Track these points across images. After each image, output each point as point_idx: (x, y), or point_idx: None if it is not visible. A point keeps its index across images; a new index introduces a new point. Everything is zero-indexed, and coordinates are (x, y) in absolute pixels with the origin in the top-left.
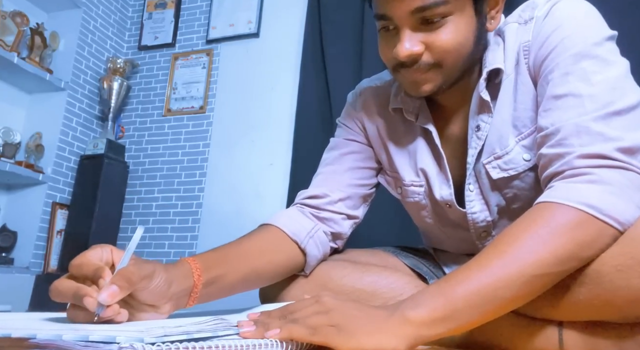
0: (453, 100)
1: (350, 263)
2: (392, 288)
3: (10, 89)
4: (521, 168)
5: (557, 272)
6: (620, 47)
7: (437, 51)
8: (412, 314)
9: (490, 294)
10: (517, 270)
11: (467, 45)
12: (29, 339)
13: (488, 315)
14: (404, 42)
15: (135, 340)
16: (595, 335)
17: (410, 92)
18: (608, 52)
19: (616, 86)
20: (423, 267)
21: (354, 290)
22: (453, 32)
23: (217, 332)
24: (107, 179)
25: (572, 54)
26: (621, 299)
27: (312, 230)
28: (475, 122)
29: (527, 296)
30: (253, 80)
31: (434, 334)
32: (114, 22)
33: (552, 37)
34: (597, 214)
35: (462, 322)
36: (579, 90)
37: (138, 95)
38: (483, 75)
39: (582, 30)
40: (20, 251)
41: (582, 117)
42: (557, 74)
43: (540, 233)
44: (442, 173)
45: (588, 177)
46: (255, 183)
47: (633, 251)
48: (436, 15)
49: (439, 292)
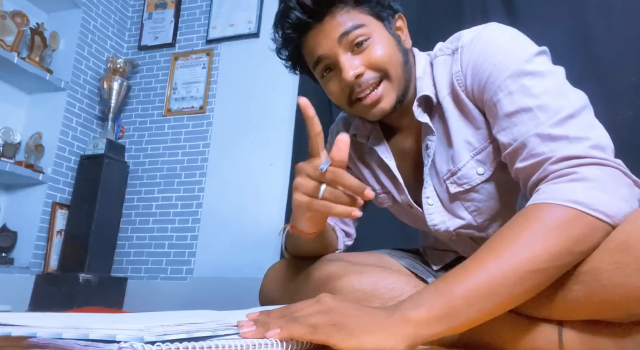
0: (402, 121)
1: (348, 264)
2: (391, 288)
3: (10, 89)
4: (474, 182)
5: (552, 268)
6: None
7: (376, 64)
8: (411, 313)
9: (487, 291)
10: (512, 267)
11: (396, 55)
12: (28, 338)
13: (486, 314)
14: (345, 66)
15: (135, 339)
16: (595, 335)
17: (372, 116)
18: (540, 65)
19: (559, 93)
20: (419, 266)
21: (353, 291)
22: (380, 46)
23: (217, 332)
24: (107, 179)
25: (508, 75)
26: (619, 297)
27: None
28: (425, 142)
29: (524, 293)
30: (253, 80)
31: (433, 333)
32: (114, 22)
33: (484, 65)
34: (585, 210)
35: (460, 321)
36: (527, 105)
37: (138, 95)
38: (415, 102)
39: (510, 53)
40: (20, 251)
41: (539, 128)
42: (501, 95)
43: (533, 231)
44: (397, 186)
45: (571, 177)
46: (255, 183)
47: (630, 248)
48: (359, 37)
49: (437, 291)
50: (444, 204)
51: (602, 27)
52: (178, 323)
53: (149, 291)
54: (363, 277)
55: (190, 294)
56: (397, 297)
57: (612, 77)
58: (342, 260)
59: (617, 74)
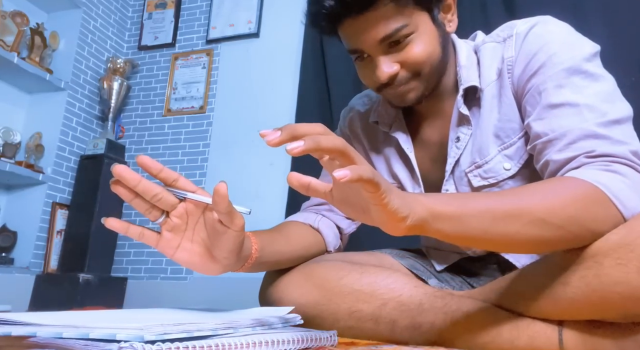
0: (430, 109)
1: (348, 264)
2: (391, 288)
3: (10, 89)
4: (500, 177)
5: (560, 230)
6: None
7: (411, 66)
8: (425, 199)
9: (500, 217)
10: (528, 207)
11: (435, 53)
12: (28, 338)
13: (490, 240)
14: (381, 67)
15: (135, 338)
16: (595, 335)
17: (398, 104)
18: (595, 67)
19: (607, 99)
20: (420, 267)
21: (352, 291)
22: (420, 45)
23: (217, 331)
24: (107, 179)
25: (563, 69)
26: (619, 296)
27: (317, 216)
28: (455, 133)
29: (527, 240)
30: (253, 80)
31: (438, 227)
32: (114, 22)
33: (540, 54)
34: (608, 193)
35: (466, 229)
36: (575, 101)
37: (138, 95)
38: (460, 92)
39: (568, 47)
40: (20, 251)
41: (584, 124)
42: (550, 85)
43: (557, 190)
44: (413, 177)
45: (605, 167)
46: (255, 183)
47: (633, 244)
48: (401, 38)
49: (456, 196)
50: None
51: (601, 27)
52: (178, 322)
53: (149, 291)
54: (363, 277)
55: (190, 294)
56: (397, 298)
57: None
58: (342, 260)
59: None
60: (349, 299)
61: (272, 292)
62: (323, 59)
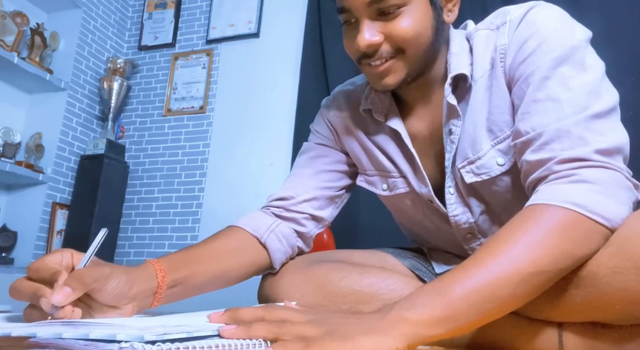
0: (419, 98)
1: (348, 265)
2: (391, 289)
3: (10, 89)
4: (494, 173)
5: (553, 271)
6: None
7: (395, 40)
8: (409, 314)
9: (488, 292)
10: (514, 268)
11: (425, 35)
12: (29, 338)
13: (487, 316)
14: (363, 32)
15: (135, 338)
16: (595, 337)
17: (375, 85)
18: (585, 55)
19: (593, 90)
20: (422, 267)
21: (352, 292)
22: (409, 21)
23: (217, 332)
24: (107, 179)
25: (551, 58)
26: (619, 301)
27: (272, 224)
28: (447, 126)
29: (524, 296)
30: (253, 80)
31: (433, 334)
32: (114, 22)
33: (530, 41)
34: (584, 212)
35: (461, 323)
36: (557, 95)
37: (138, 95)
38: (448, 80)
39: (559, 35)
40: (20, 251)
41: (562, 122)
42: (537, 77)
43: (533, 232)
44: (417, 174)
45: (571, 178)
46: (255, 183)
47: (628, 252)
48: (392, 6)
49: (437, 291)
50: (462, 195)
51: (601, 27)
52: (178, 323)
53: None
54: (363, 278)
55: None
56: (397, 298)
57: (612, 77)
58: (342, 261)
59: (616, 74)
60: (349, 299)
61: (272, 293)
62: (323, 59)
